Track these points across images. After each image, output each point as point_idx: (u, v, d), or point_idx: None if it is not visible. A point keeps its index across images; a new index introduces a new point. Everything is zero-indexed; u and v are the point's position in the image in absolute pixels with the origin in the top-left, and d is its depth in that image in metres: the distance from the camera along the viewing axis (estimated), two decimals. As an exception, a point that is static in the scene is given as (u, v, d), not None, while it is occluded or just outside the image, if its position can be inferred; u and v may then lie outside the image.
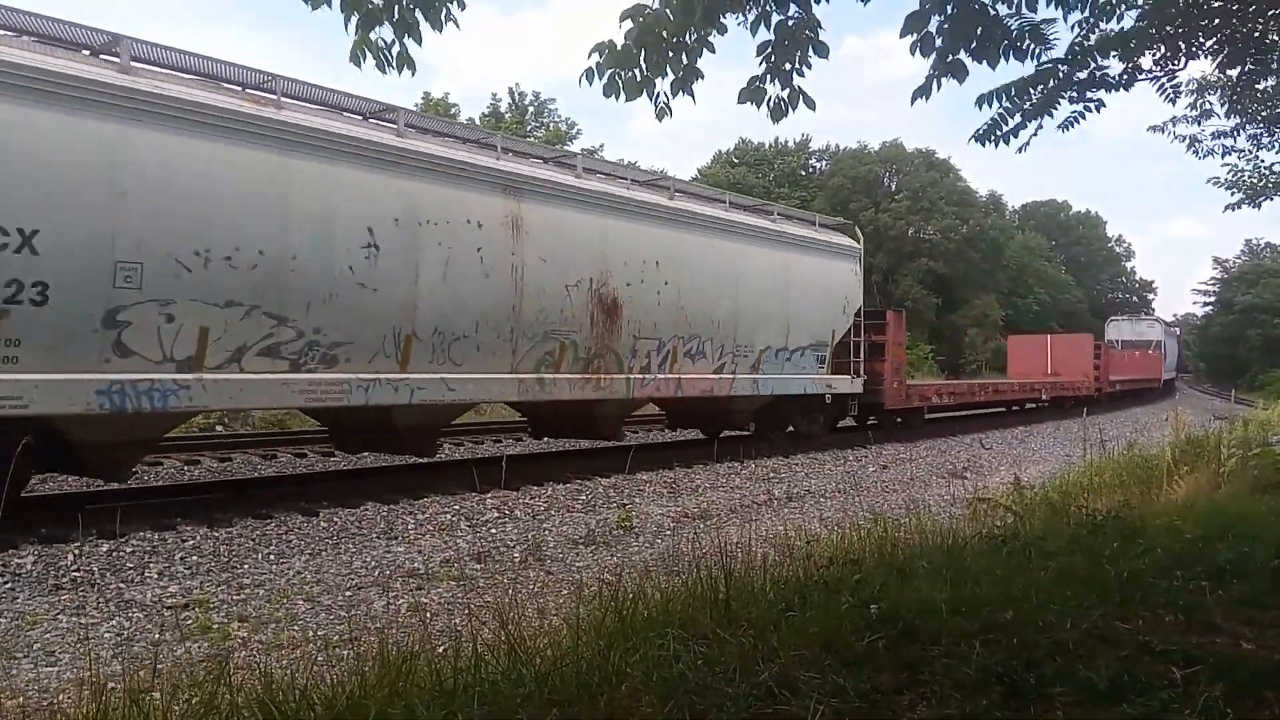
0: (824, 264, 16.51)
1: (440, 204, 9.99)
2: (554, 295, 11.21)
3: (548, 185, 11.37)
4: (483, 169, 10.58)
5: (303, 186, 8.80)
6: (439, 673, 3.37)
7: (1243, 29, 5.95)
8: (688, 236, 13.38)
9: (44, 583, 6.51)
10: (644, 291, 12.45)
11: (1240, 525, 6.63)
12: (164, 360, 7.90)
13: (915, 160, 63.36)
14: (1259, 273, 72.97)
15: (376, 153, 9.46)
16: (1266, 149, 10.88)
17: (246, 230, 8.34)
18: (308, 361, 8.89)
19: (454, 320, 10.14)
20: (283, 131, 8.65)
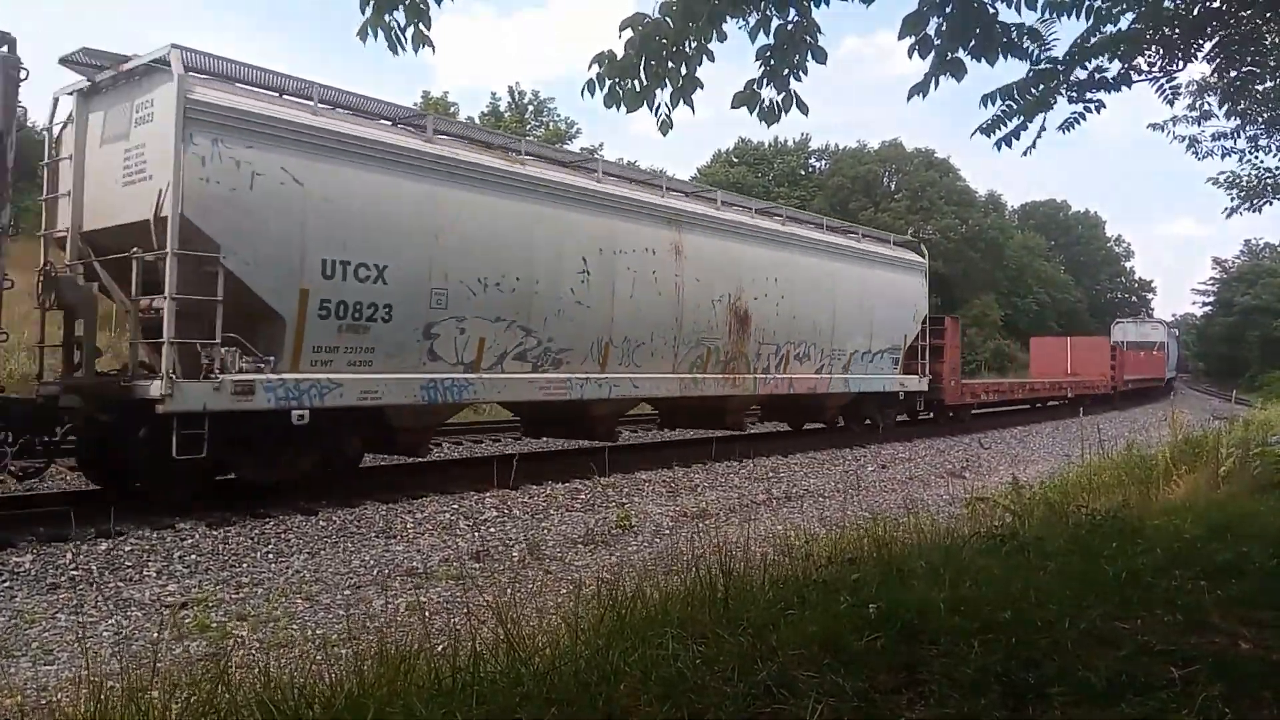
0: (898, 277, 19.28)
1: (628, 236, 12.51)
2: (704, 309, 13.73)
3: (698, 217, 13.98)
4: (657, 206, 13.22)
5: (543, 226, 11.30)
6: (438, 672, 3.36)
7: (1241, 30, 5.95)
8: (797, 257, 15.98)
9: (42, 581, 6.51)
10: (767, 304, 14.95)
11: (1239, 525, 6.64)
12: (457, 363, 10.40)
13: (914, 160, 63.40)
14: (1258, 273, 73.05)
15: (590, 198, 12.04)
16: (1265, 151, 10.87)
17: (509, 262, 10.80)
18: (543, 364, 11.42)
19: (637, 330, 12.64)
20: (533, 184, 11.28)
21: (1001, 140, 5.25)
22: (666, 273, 13.05)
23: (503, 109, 45.09)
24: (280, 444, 9.11)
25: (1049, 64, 4.71)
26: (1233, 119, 9.62)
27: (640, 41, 3.90)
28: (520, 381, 11.15)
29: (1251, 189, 11.83)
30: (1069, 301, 72.03)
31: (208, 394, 8.22)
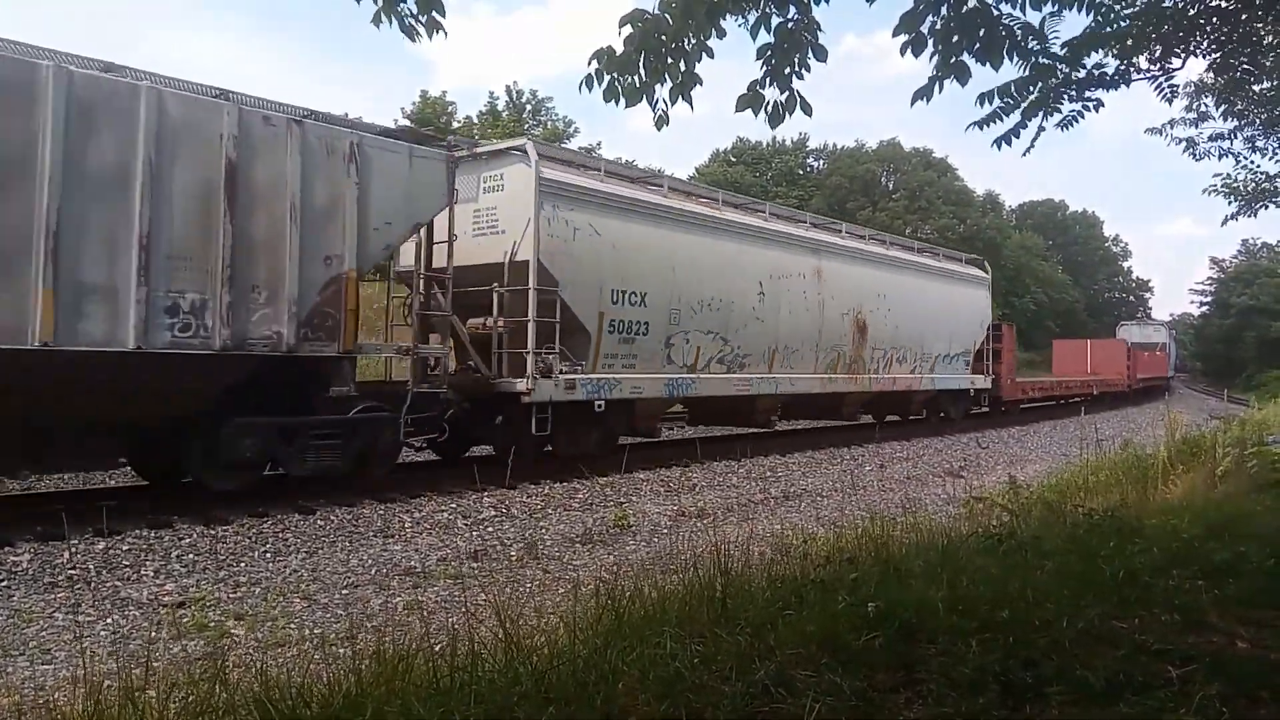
0: (970, 291, 22.92)
1: (787, 264, 15.91)
2: (835, 321, 17.10)
3: (831, 245, 17.63)
4: (804, 238, 16.89)
5: (734, 258, 14.71)
6: (436, 671, 3.36)
7: (1239, 30, 5.96)
8: (898, 276, 19.56)
9: (40, 580, 6.50)
10: (878, 316, 18.36)
11: (1236, 525, 6.64)
12: (683, 366, 13.73)
13: (913, 160, 63.46)
14: (1255, 273, 73.09)
15: (762, 234, 15.60)
16: (1262, 153, 10.89)
17: (714, 287, 14.11)
18: (734, 367, 14.73)
19: (793, 339, 16.02)
20: (728, 226, 14.91)
21: (1000, 139, 5.25)
22: (811, 293, 16.46)
23: (501, 108, 45.10)
24: (584, 425, 12.33)
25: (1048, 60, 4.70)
26: (1229, 120, 9.64)
27: (639, 38, 3.90)
28: (721, 380, 14.55)
29: (1249, 195, 11.85)
30: (1066, 301, 72.11)
31: (552, 389, 11.42)
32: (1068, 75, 5.11)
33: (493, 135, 39.81)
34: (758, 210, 16.62)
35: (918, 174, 61.87)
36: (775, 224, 16.35)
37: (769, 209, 16.93)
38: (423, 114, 40.55)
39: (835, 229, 18.88)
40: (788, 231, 16.56)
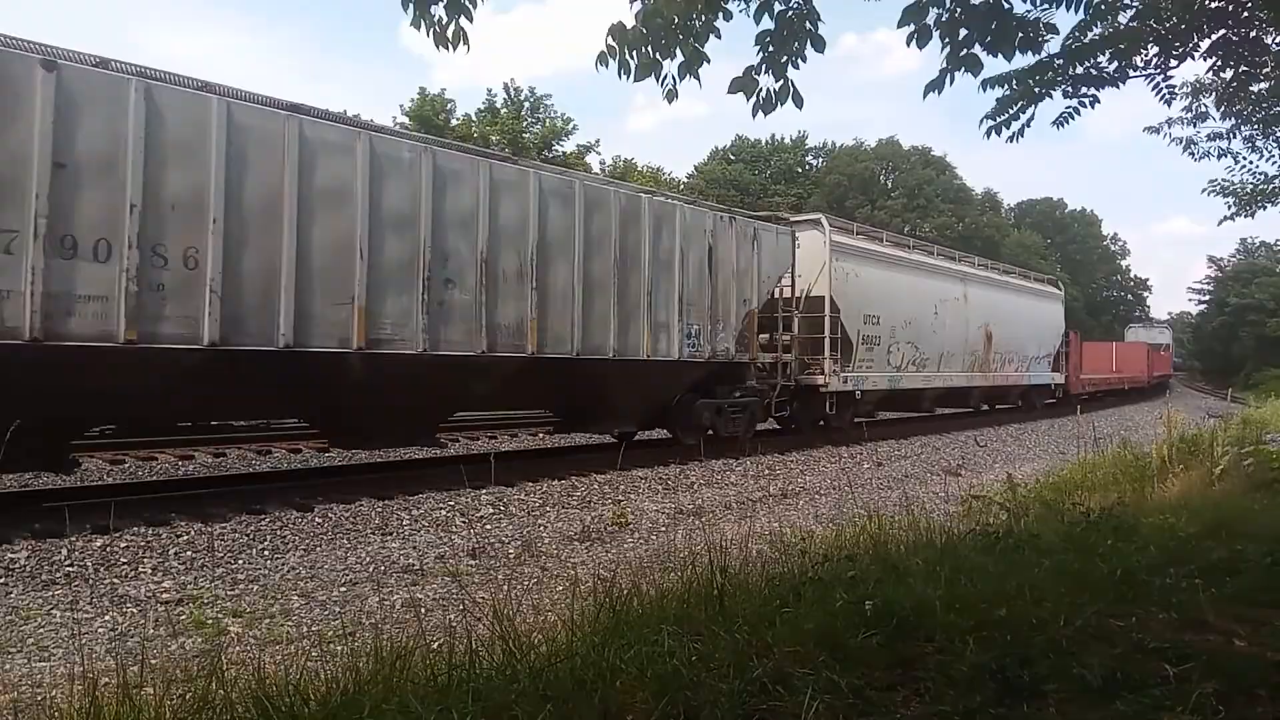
0: (1051, 306, 29.91)
1: (947, 290, 21.83)
2: (974, 333, 23.10)
3: (971, 275, 23.76)
4: (955, 270, 22.92)
5: (922, 287, 20.54)
6: (434, 668, 3.36)
7: (1238, 31, 5.96)
8: (1008, 296, 25.84)
9: (37, 577, 6.50)
10: (998, 328, 24.32)
11: (1234, 523, 6.64)
12: (893, 368, 19.25)
13: (911, 158, 63.45)
14: (1254, 272, 73.13)
15: (931, 270, 21.47)
16: (1261, 153, 10.90)
17: (910, 309, 19.82)
18: (920, 368, 20.43)
19: (950, 347, 21.86)
20: (915, 265, 20.88)
21: (992, 129, 5.27)
22: (960, 311, 22.33)
23: (499, 105, 45.04)
24: (843, 406, 17.78)
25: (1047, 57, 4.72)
26: (1228, 120, 9.64)
27: (645, 16, 3.94)
28: (912, 377, 20.33)
29: (1247, 196, 11.87)
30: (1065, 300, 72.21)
31: (838, 383, 17.05)
32: (1064, 70, 5.13)
33: (491, 133, 39.76)
34: (928, 249, 22.94)
35: (916, 172, 61.88)
36: (940, 260, 22.56)
37: (936, 250, 23.50)
38: (421, 112, 40.47)
39: (970, 260, 25.31)
40: (947, 266, 22.67)
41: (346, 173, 9.22)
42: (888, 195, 61.42)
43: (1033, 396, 28.23)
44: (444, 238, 10.06)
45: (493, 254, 10.58)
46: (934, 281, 21.30)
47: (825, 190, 61.12)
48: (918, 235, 55.95)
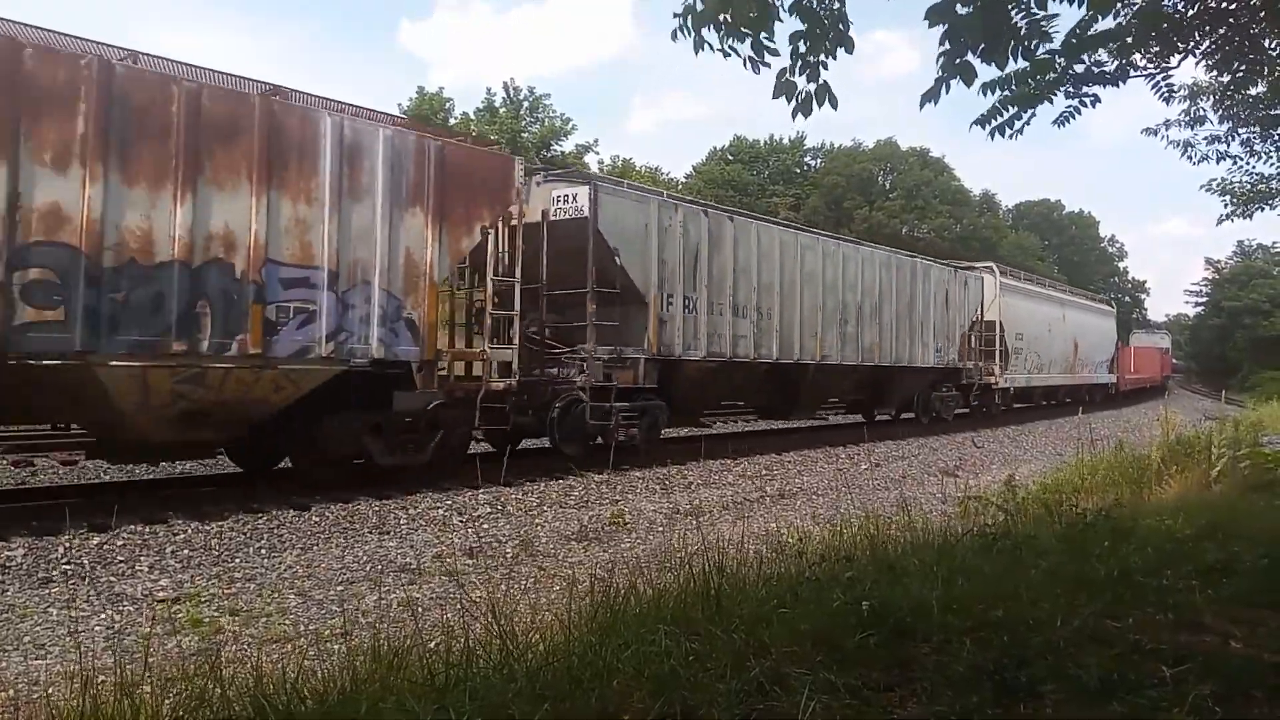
0: (1109, 321, 39.76)
1: (1054, 313, 30.77)
2: (1068, 344, 32.14)
3: (1066, 300, 33.50)
4: (1058, 297, 32.97)
5: (1044, 310, 30.05)
6: (430, 667, 3.36)
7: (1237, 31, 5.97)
8: (1086, 315, 35.07)
9: (34, 575, 6.49)
10: (1081, 340, 33.40)
11: (1230, 525, 6.65)
12: (1025, 371, 27.56)
13: (909, 159, 63.41)
14: (1250, 274, 73.23)
15: (1049, 298, 31.79)
16: (1259, 156, 10.92)
17: (1038, 328, 28.82)
18: (1039, 371, 28.79)
19: (1055, 355, 30.72)
20: (1043, 296, 31.13)
21: (994, 129, 5.27)
22: (1061, 329, 31.35)
23: (498, 105, 45.03)
24: (1000, 398, 25.47)
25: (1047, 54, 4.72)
26: (1226, 123, 9.66)
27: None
28: (1036, 378, 28.53)
29: (1245, 196, 11.89)
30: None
31: (1003, 382, 24.95)
32: (1065, 70, 5.13)
33: (490, 133, 39.72)
34: (1040, 282, 33.36)
35: (914, 173, 61.86)
36: (1051, 290, 32.90)
37: (1048, 282, 35.25)
38: (419, 111, 40.45)
39: (1063, 288, 35.52)
40: (1055, 295, 32.82)
41: (814, 263, 17.17)
42: (885, 196, 61.40)
43: (1096, 393, 36.86)
44: (843, 295, 17.87)
45: (862, 303, 18.49)
46: (1048, 307, 30.65)
47: (823, 191, 61.11)
48: (915, 237, 56.00)
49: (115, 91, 7.79)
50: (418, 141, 10.20)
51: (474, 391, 10.80)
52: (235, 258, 8.61)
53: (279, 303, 8.92)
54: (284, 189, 8.93)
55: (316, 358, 9.23)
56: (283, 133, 8.91)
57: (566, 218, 12.34)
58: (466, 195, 10.59)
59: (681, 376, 13.99)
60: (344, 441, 9.89)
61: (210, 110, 8.40)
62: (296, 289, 9.10)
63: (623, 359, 12.89)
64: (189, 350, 8.27)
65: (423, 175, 10.12)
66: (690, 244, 13.90)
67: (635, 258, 12.96)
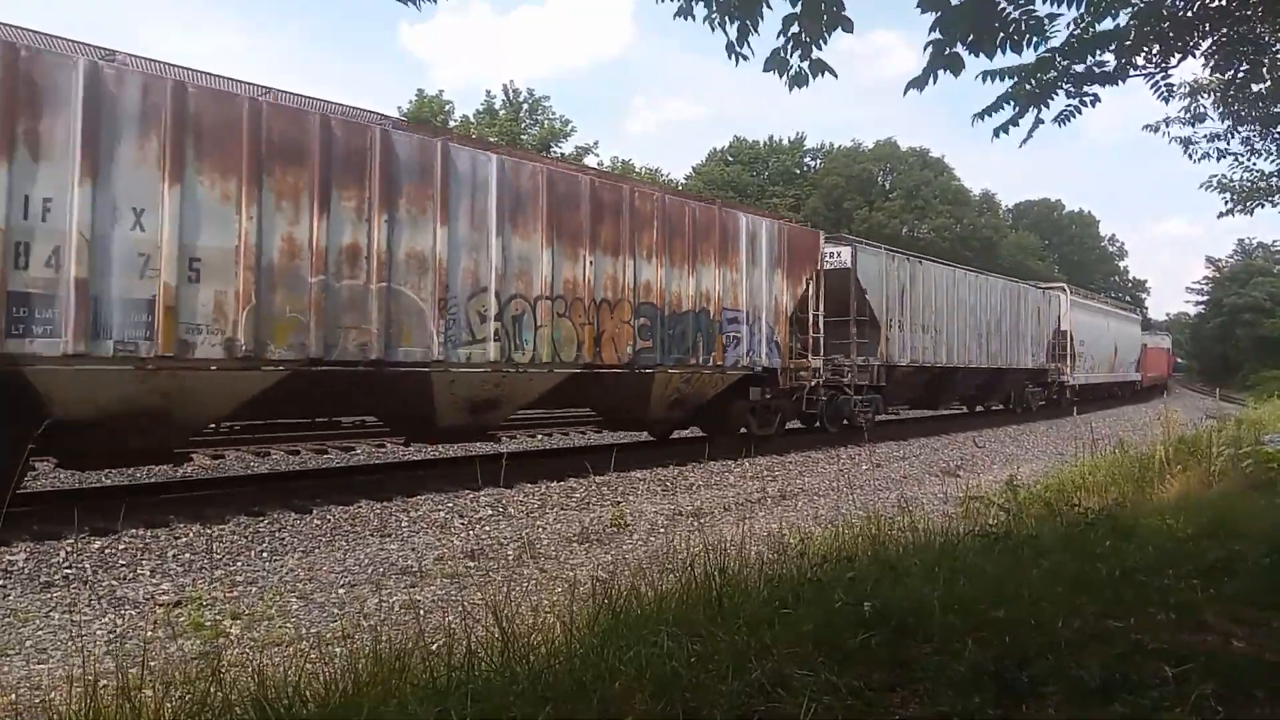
0: (1134, 327, 44.63)
1: (1101, 322, 36.85)
2: (1109, 347, 37.54)
3: (1109, 311, 39.60)
4: (1104, 309, 39.16)
5: (1100, 322, 36.74)
6: (432, 670, 3.36)
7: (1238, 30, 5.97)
8: (1122, 323, 41.06)
9: (36, 580, 6.49)
10: (1118, 343, 39.07)
11: (1231, 524, 6.65)
12: (1084, 371, 33.03)
13: (909, 159, 63.41)
14: (1251, 272, 73.19)
15: (1105, 314, 38.51)
16: (1260, 154, 10.92)
17: (1102, 337, 36.33)
18: (1092, 371, 34.53)
19: (1101, 357, 36.09)
20: (1103, 311, 38.64)
21: (1000, 129, 5.27)
22: (1106, 335, 36.55)
23: (498, 106, 45.04)
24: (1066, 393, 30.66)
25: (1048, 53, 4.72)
26: (1226, 121, 9.66)
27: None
28: (1090, 376, 33.73)
29: (1245, 193, 11.88)
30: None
31: (1071, 380, 31.06)
32: (1066, 69, 5.13)
33: (489, 134, 39.74)
34: (1093, 296, 40.30)
35: (914, 173, 61.87)
36: (1099, 303, 39.42)
37: (1109, 302, 42.79)
38: (419, 113, 40.46)
39: (1105, 300, 43.43)
40: (1102, 307, 38.70)
41: (963, 292, 22.62)
42: (885, 196, 61.41)
43: (1124, 389, 42.00)
44: (979, 315, 23.50)
45: (989, 320, 24.14)
46: (1099, 317, 36.23)
47: (823, 191, 61.11)
48: (915, 237, 56.03)
49: (668, 210, 13.27)
50: (779, 226, 15.80)
51: (798, 388, 16.16)
52: (710, 307, 13.91)
53: (727, 333, 14.19)
54: (726, 263, 14.25)
55: (739, 366, 14.43)
56: (727, 230, 14.28)
57: (832, 267, 17.24)
58: (798, 259, 15.90)
59: (893, 378, 19.09)
60: (739, 418, 15.19)
61: (699, 217, 13.80)
62: (733, 325, 14.35)
63: (867, 365, 18.01)
64: (693, 363, 13.55)
65: (781, 248, 15.43)
66: (900, 282, 19.48)
67: (876, 294, 18.41)
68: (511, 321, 10.90)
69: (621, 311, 12.32)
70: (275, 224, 8.71)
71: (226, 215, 8.36)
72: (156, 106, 7.89)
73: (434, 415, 10.64)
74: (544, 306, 11.28)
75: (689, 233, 13.38)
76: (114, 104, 7.68)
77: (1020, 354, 26.29)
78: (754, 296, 14.71)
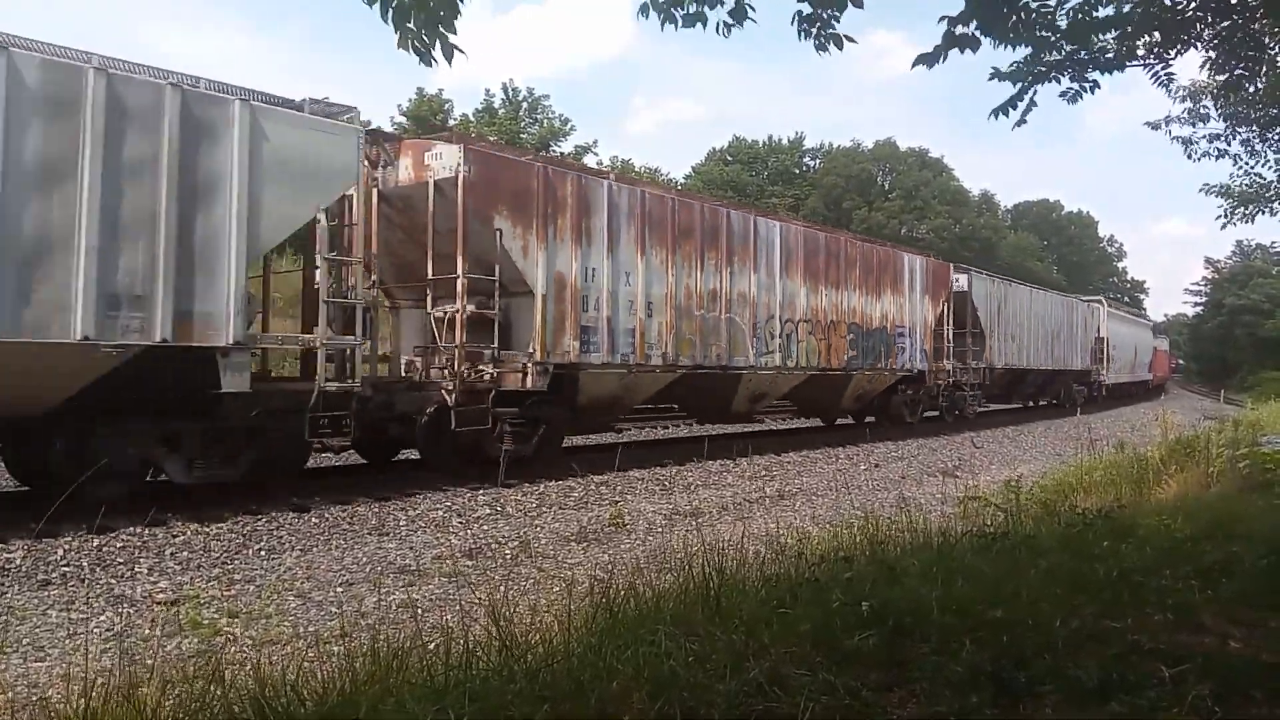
0: (1147, 332, 50.03)
1: (1125, 329, 42.31)
2: (1131, 349, 42.47)
3: (1128, 319, 46.92)
4: (1127, 318, 46.62)
5: (1125, 330, 42.14)
6: (430, 669, 3.36)
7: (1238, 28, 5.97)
8: (1140, 330, 48.02)
9: (33, 577, 6.49)
10: (1138, 346, 44.92)
11: (1229, 525, 6.65)
12: (1116, 371, 38.52)
13: (908, 159, 63.43)
14: (1250, 273, 73.24)
15: (1128, 320, 45.88)
16: (1259, 157, 10.93)
17: (1119, 340, 38.84)
18: (1118, 373, 39.27)
19: (1125, 359, 40.67)
20: (1128, 319, 46.28)
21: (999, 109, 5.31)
22: (1130, 339, 41.96)
23: (497, 105, 45.02)
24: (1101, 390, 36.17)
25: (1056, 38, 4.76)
26: (1226, 123, 9.67)
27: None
28: (1117, 375, 38.09)
29: (1245, 198, 11.90)
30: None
31: (1103, 379, 36.05)
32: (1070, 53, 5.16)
33: (489, 134, 39.77)
34: (1120, 305, 48.65)
35: (913, 173, 61.89)
36: (1125, 312, 47.19)
37: (1130, 311, 51.29)
38: (419, 112, 40.43)
39: (1129, 309, 50.87)
40: (1128, 316, 45.86)
41: (1038, 306, 28.73)
42: (885, 196, 61.42)
43: (1139, 388, 45.55)
44: (1047, 325, 28.96)
45: (1051, 329, 29.31)
46: (1125, 326, 41.26)
47: (822, 191, 61.11)
48: (914, 237, 56.06)
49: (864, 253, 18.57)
50: (928, 261, 21.22)
51: (936, 385, 21.36)
52: (888, 324, 18.91)
53: (899, 345, 19.35)
54: (897, 292, 19.37)
55: (903, 368, 19.73)
56: (897, 267, 19.49)
57: (956, 291, 22.26)
58: (937, 285, 21.17)
59: (994, 378, 24.59)
60: (898, 408, 20.52)
61: (880, 257, 19.02)
62: (900, 337, 19.40)
63: (978, 368, 23.30)
64: (878, 366, 18.72)
65: (927, 278, 20.68)
66: (997, 301, 24.95)
67: (983, 311, 23.85)
68: (785, 338, 15.69)
69: (840, 329, 17.30)
70: (680, 277, 13.55)
71: (662, 273, 13.29)
72: (634, 207, 12.87)
73: (730, 404, 15.50)
74: (803, 328, 16.26)
75: (876, 269, 18.54)
76: (619, 207, 12.62)
77: (1072, 357, 31.77)
78: (912, 315, 19.88)
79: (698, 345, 13.69)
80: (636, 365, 12.72)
